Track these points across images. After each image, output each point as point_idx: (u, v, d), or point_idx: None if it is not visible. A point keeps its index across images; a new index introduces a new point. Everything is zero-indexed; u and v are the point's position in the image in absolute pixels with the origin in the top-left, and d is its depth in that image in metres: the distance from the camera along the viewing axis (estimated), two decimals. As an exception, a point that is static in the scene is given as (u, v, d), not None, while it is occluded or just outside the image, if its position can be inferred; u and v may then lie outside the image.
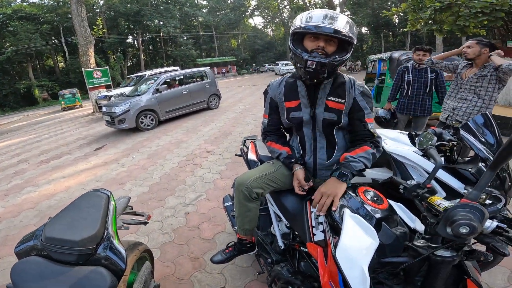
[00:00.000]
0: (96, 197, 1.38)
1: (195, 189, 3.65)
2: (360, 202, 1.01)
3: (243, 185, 1.35)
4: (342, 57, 1.20)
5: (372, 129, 1.30)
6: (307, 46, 1.22)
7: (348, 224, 0.91)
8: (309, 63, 1.16)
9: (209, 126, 7.19)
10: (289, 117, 1.38)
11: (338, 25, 1.13)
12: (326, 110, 1.30)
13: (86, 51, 11.56)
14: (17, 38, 26.28)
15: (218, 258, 1.67)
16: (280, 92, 1.41)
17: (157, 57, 39.20)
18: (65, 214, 1.28)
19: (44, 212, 3.47)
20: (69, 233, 1.14)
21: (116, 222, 1.34)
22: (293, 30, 1.22)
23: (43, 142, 7.86)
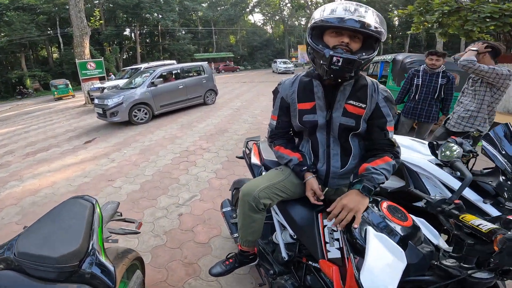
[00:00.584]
0: (79, 206, 1.19)
1: (189, 189, 3.45)
2: (384, 218, 0.92)
3: (250, 196, 1.23)
4: (369, 55, 1.06)
5: (393, 139, 1.19)
6: (329, 42, 1.08)
7: (374, 245, 0.82)
8: (335, 60, 1.02)
9: (204, 122, 6.98)
10: (302, 120, 1.24)
11: (366, 19, 1.00)
12: (344, 114, 1.18)
13: (81, 42, 11.33)
14: (12, 28, 25.77)
15: (217, 271, 1.54)
16: (293, 92, 1.27)
17: (153, 50, 38.71)
18: (42, 225, 1.09)
19: (27, 209, 3.24)
20: (45, 248, 0.97)
21: (102, 235, 1.16)
22: (313, 24, 1.08)
23: (31, 133, 7.55)
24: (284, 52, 46.57)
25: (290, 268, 1.45)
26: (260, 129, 6.05)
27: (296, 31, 49.74)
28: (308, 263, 1.27)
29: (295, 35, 50.24)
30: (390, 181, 2.10)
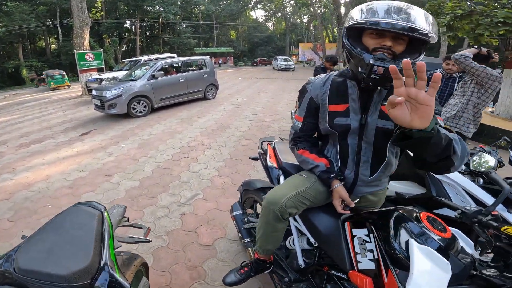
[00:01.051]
0: (85, 214, 1.03)
1: (191, 187, 3.29)
2: (425, 229, 0.88)
3: (276, 205, 1.16)
4: (415, 59, 0.94)
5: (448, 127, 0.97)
6: (368, 44, 0.98)
7: (418, 257, 0.80)
8: (376, 69, 0.90)
9: (205, 117, 6.80)
10: (333, 123, 1.14)
11: (415, 20, 0.88)
12: (381, 116, 1.07)
13: (81, 33, 11.08)
14: (11, 18, 25.34)
15: (232, 280, 1.48)
16: (324, 93, 1.17)
17: (153, 43, 38.28)
18: (44, 236, 0.94)
19: (20, 204, 3.05)
20: (51, 264, 0.83)
21: (114, 247, 1.01)
22: (351, 24, 0.98)
23: (26, 123, 7.30)
24: (285, 49, 46.37)
25: (307, 276, 1.39)
26: (262, 126, 5.90)
27: (297, 29, 49.55)
28: (331, 272, 1.21)
29: (296, 33, 50.05)
30: (409, 187, 2.04)
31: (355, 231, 1.06)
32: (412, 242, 0.84)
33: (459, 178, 1.76)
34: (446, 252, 0.84)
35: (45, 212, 2.88)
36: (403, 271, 0.83)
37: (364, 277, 0.96)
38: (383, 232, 0.95)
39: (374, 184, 1.21)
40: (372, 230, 1.00)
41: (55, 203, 3.04)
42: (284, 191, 1.19)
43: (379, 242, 0.95)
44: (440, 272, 0.79)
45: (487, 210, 0.96)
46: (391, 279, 0.85)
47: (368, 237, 1.00)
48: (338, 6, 23.86)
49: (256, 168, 3.75)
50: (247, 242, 1.73)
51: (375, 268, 0.94)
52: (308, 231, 1.30)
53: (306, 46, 37.42)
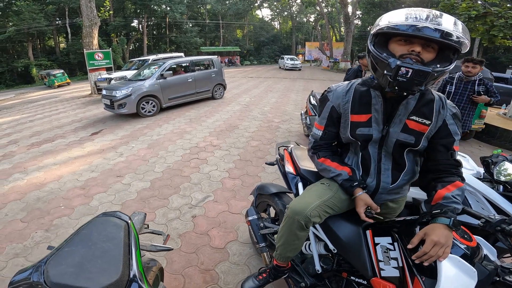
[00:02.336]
0: (112, 226, 1.03)
1: (201, 188, 3.28)
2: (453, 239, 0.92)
3: (301, 215, 1.15)
4: (444, 67, 0.92)
5: (458, 159, 1.10)
6: (395, 50, 0.97)
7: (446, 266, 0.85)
8: (403, 71, 0.90)
9: (213, 117, 6.79)
10: (355, 133, 1.15)
11: (446, 27, 0.87)
12: (404, 130, 1.08)
13: (90, 32, 11.17)
14: (20, 18, 25.70)
15: (250, 286, 1.49)
16: (346, 102, 1.17)
17: (160, 42, 38.43)
18: (73, 250, 0.93)
19: (32, 205, 3.07)
20: (82, 279, 0.82)
21: (141, 259, 1.00)
22: (378, 30, 0.98)
23: (36, 122, 7.40)
24: (291, 49, 46.15)
25: (323, 281, 1.41)
26: (271, 127, 5.87)
27: (304, 28, 49.26)
28: (350, 279, 1.23)
29: (303, 32, 49.77)
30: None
31: (378, 239, 1.07)
32: None
33: (479, 185, 1.76)
34: (472, 260, 0.88)
35: (57, 213, 2.89)
36: (429, 278, 0.87)
37: (387, 284, 0.98)
38: (409, 241, 0.96)
39: (396, 191, 1.21)
40: (397, 238, 1.02)
41: (68, 204, 3.05)
42: (308, 201, 1.18)
43: (404, 250, 0.97)
44: (467, 279, 0.83)
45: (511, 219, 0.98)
46: (418, 286, 0.88)
47: (392, 245, 1.03)
48: (345, 5, 23.63)
49: (266, 170, 3.72)
50: (263, 247, 1.72)
51: (400, 275, 0.97)
52: (327, 238, 1.30)
53: (313, 45, 37.16)
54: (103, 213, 1.12)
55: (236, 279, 1.97)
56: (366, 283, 1.12)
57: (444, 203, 0.99)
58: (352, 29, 24.65)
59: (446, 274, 0.83)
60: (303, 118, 5.02)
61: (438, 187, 1.04)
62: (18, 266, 2.17)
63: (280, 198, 1.79)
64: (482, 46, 13.97)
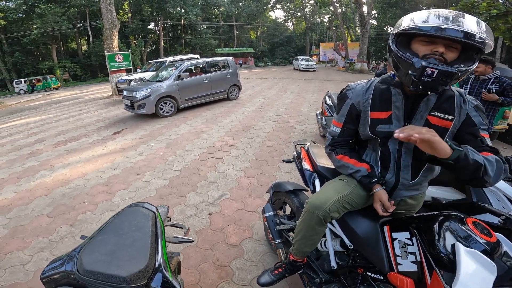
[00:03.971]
0: (141, 215, 1.10)
1: (218, 187, 3.37)
2: (472, 233, 0.92)
3: (320, 210, 1.17)
4: (468, 67, 0.93)
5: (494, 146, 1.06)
6: (418, 50, 0.98)
7: (465, 259, 0.85)
8: (428, 71, 0.91)
9: (229, 118, 6.90)
10: (375, 130, 1.16)
11: (469, 27, 0.88)
12: (426, 125, 1.07)
13: (111, 35, 11.56)
14: (44, 20, 26.84)
15: (266, 280, 1.51)
16: (366, 99, 1.18)
17: (176, 44, 39.22)
18: (105, 238, 1.01)
19: (58, 201, 3.25)
20: (113, 266, 0.89)
21: (166, 248, 1.07)
22: (401, 30, 0.99)
23: (61, 122, 7.78)
24: (305, 49, 45.87)
25: (338, 277, 1.41)
26: (286, 127, 5.90)
27: (318, 28, 48.79)
28: (366, 274, 1.23)
29: (317, 33, 49.31)
30: (447, 192, 2.01)
31: (395, 234, 1.09)
32: (459, 246, 0.88)
33: (501, 184, 1.74)
34: (491, 255, 0.87)
35: (82, 208, 3.04)
36: (447, 272, 0.87)
37: (405, 278, 1.00)
38: (427, 236, 0.98)
39: (415, 188, 1.22)
40: (415, 233, 1.04)
41: (91, 200, 3.21)
42: (327, 196, 1.21)
43: (423, 245, 0.98)
44: (486, 273, 0.82)
45: None
46: (436, 280, 0.89)
47: (410, 240, 1.04)
48: (360, 5, 23.25)
49: (281, 169, 3.77)
50: (278, 243, 1.75)
51: (417, 270, 0.98)
52: (344, 234, 1.32)
53: (328, 46, 36.78)
54: (133, 203, 1.20)
55: (251, 276, 2.01)
56: (383, 278, 1.13)
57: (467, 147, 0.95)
58: (368, 29, 24.20)
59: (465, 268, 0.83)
60: (318, 119, 5.02)
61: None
62: (43, 260, 2.26)
63: (296, 195, 1.82)
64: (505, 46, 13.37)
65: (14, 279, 2.08)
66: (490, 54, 23.93)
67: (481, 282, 0.81)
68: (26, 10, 28.13)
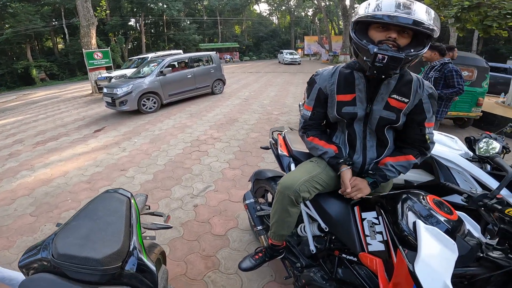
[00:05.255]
0: (115, 200, 1.11)
1: (202, 179, 3.38)
2: (432, 211, 0.93)
3: (290, 189, 1.21)
4: (418, 51, 1.01)
5: (428, 134, 1.20)
6: (374, 37, 1.05)
7: (426, 237, 0.85)
8: (380, 57, 0.99)
9: (213, 112, 6.88)
10: (341, 112, 1.23)
11: (418, 15, 0.95)
12: (386, 108, 1.17)
13: (88, 32, 11.19)
14: (17, 19, 25.61)
15: (247, 265, 1.54)
16: (332, 83, 1.25)
17: (158, 40, 38.36)
18: (79, 223, 1.02)
19: (40, 200, 3.18)
20: (87, 249, 0.90)
21: (141, 232, 1.08)
22: (358, 18, 1.05)
23: (40, 122, 7.51)
24: (290, 43, 45.92)
25: (318, 261, 1.43)
26: (271, 119, 5.94)
27: (302, 22, 48.92)
28: (341, 256, 1.26)
29: (301, 26, 49.45)
30: (417, 175, 2.10)
31: (364, 214, 1.11)
32: (419, 223, 0.88)
33: (467, 165, 1.81)
34: (453, 234, 0.87)
35: (65, 206, 2.99)
36: (411, 251, 0.87)
37: (374, 258, 1.01)
38: (391, 215, 0.99)
39: None
40: (381, 212, 1.05)
41: (75, 198, 3.16)
42: (297, 176, 1.25)
43: (388, 224, 0.99)
44: (447, 251, 0.82)
45: (492, 193, 1.00)
46: (400, 258, 0.89)
47: (377, 220, 1.06)
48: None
49: (265, 160, 3.81)
50: (260, 229, 1.78)
51: (385, 249, 0.98)
52: (319, 217, 1.35)
53: (312, 39, 36.97)
54: (107, 190, 1.20)
55: (237, 264, 2.01)
56: (356, 260, 1.15)
57: (381, 167, 1.22)
58: (351, 22, 24.47)
59: (426, 246, 0.83)
60: (301, 110, 5.08)
61: (391, 155, 1.25)
62: None
63: (276, 182, 1.86)
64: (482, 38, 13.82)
65: None
66: (467, 46, 24.71)
67: (442, 260, 0.81)
68: (-2, 10, 26.80)
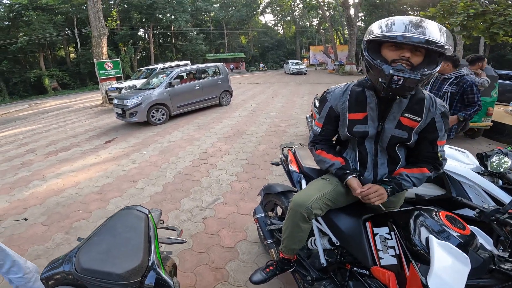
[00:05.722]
0: (134, 217, 1.17)
1: (211, 192, 3.43)
2: (444, 227, 0.96)
3: (303, 207, 1.25)
4: (431, 70, 1.03)
5: (440, 152, 1.22)
6: (387, 56, 1.07)
7: (439, 252, 0.88)
8: (395, 79, 0.99)
9: (221, 124, 6.97)
10: (352, 130, 1.26)
11: (431, 34, 0.97)
12: (398, 127, 1.19)
13: (99, 42, 11.48)
14: (31, 28, 26.37)
15: (258, 278, 1.57)
16: (344, 102, 1.27)
17: (166, 50, 39.13)
18: (100, 239, 1.07)
19: (52, 209, 3.27)
20: (109, 264, 0.95)
21: (159, 247, 1.13)
22: (371, 38, 1.07)
23: (52, 132, 7.71)
24: (296, 53, 46.37)
25: (328, 274, 1.46)
26: (278, 131, 6.00)
27: (307, 32, 49.48)
28: (353, 269, 1.29)
29: (306, 36, 50.00)
30: (429, 189, 2.10)
31: (376, 229, 1.15)
32: (432, 238, 0.92)
33: (479, 179, 1.80)
34: (466, 248, 0.90)
35: (76, 216, 3.07)
36: (424, 264, 0.91)
37: (386, 271, 1.04)
38: (404, 230, 1.03)
39: None
40: (393, 228, 1.08)
41: (86, 208, 3.24)
42: (309, 194, 1.29)
43: (400, 239, 1.03)
44: (460, 265, 0.85)
45: (504, 208, 1.01)
46: (413, 272, 0.93)
47: (389, 235, 1.09)
48: (347, 8, 23.75)
49: (273, 173, 3.85)
50: (270, 243, 1.80)
51: (397, 263, 1.02)
52: (330, 231, 1.39)
53: (317, 49, 37.35)
54: (126, 206, 1.27)
55: (246, 277, 2.05)
56: (368, 273, 1.17)
57: (396, 177, 1.23)
58: (356, 32, 24.69)
59: (438, 260, 0.86)
60: (308, 122, 5.13)
61: (405, 167, 1.26)
62: (40, 266, 2.26)
63: (286, 197, 1.90)
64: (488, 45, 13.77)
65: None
66: (473, 53, 24.58)
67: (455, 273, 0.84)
68: (12, 18, 27.63)
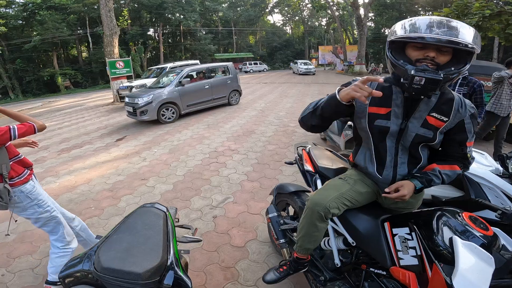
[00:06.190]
0: (153, 215, 1.17)
1: (221, 191, 3.43)
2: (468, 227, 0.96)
3: (321, 206, 1.23)
4: (459, 69, 0.99)
5: (469, 152, 1.20)
6: (411, 55, 1.05)
7: (463, 252, 0.88)
8: (417, 79, 0.97)
9: (230, 123, 6.99)
10: (373, 124, 1.20)
11: (457, 33, 0.94)
12: (424, 125, 1.15)
13: (111, 41, 11.65)
14: (44, 27, 26.83)
15: (271, 277, 1.56)
16: None
17: (175, 50, 39.47)
18: (119, 237, 1.07)
19: (65, 206, 3.26)
20: (129, 263, 0.94)
21: (177, 246, 1.13)
22: (395, 38, 1.05)
23: (64, 129, 7.87)
24: (304, 53, 46.13)
25: (342, 274, 1.45)
26: (287, 131, 5.97)
27: (316, 32, 49.12)
28: (369, 270, 1.27)
29: (315, 36, 49.62)
30: (446, 190, 2.08)
31: (395, 230, 1.14)
32: (456, 239, 0.91)
33: (497, 181, 1.79)
34: (489, 249, 0.90)
35: (88, 213, 3.11)
36: (447, 265, 0.90)
37: (407, 272, 1.03)
38: (426, 231, 1.02)
39: None
40: (414, 228, 1.08)
41: (97, 205, 3.28)
42: (327, 193, 1.27)
43: (422, 239, 1.02)
44: (484, 265, 0.85)
45: None
46: (437, 272, 0.92)
47: (410, 235, 1.09)
48: (357, 8, 23.46)
49: (283, 172, 3.83)
50: (283, 243, 1.80)
51: (418, 263, 1.02)
52: (346, 231, 1.37)
53: (326, 49, 37.01)
54: (144, 204, 1.26)
55: (256, 276, 2.06)
56: (386, 273, 1.16)
57: (427, 172, 1.19)
58: (365, 32, 24.39)
59: (463, 260, 0.86)
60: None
61: (437, 163, 1.22)
62: None
63: (299, 196, 1.89)
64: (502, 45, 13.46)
65: (23, 283, 2.15)
66: (487, 54, 24.01)
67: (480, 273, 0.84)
68: (26, 17, 28.17)
